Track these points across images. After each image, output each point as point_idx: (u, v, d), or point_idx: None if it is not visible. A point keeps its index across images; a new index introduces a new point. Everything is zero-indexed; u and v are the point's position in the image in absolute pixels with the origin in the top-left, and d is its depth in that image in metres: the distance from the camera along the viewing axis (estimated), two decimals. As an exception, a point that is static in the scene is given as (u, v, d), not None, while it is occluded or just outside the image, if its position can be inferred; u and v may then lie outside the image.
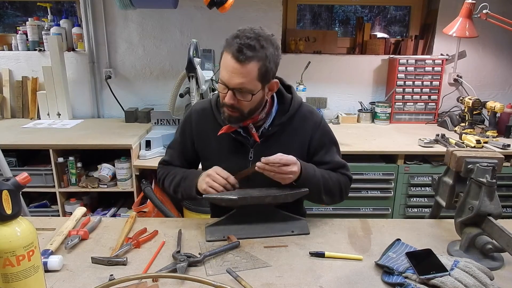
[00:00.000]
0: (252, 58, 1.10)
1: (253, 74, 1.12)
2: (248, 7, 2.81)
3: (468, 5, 2.16)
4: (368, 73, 2.98)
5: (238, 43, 1.09)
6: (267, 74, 1.15)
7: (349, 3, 3.26)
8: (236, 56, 1.09)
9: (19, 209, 0.81)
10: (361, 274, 1.02)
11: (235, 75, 1.11)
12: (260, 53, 1.11)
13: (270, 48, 1.13)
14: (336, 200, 1.32)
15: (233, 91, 1.15)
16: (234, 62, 1.10)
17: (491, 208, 1.06)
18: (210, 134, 1.32)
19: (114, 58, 2.91)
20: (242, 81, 1.12)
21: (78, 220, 1.30)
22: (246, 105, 1.18)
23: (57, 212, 2.39)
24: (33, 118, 2.84)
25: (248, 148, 1.29)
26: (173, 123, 2.47)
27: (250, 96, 1.15)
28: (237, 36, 1.12)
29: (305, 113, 1.32)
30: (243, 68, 1.10)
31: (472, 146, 2.24)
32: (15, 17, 3.31)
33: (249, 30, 1.12)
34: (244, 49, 1.09)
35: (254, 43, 1.10)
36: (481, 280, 0.90)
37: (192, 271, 1.01)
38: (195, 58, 2.15)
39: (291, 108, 1.29)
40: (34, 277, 0.83)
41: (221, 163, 1.26)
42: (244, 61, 1.09)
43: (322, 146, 1.32)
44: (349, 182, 1.34)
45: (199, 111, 1.36)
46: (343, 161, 1.35)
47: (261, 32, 1.13)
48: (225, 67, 1.13)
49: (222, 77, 1.15)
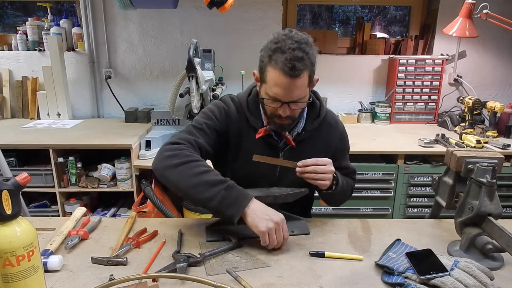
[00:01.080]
0: (303, 70, 1.10)
1: (306, 83, 1.14)
2: (248, 7, 2.81)
3: (468, 5, 2.17)
4: (368, 73, 2.98)
5: (287, 59, 1.08)
6: (313, 75, 1.17)
7: (349, 3, 3.26)
8: (290, 73, 1.09)
9: (19, 209, 0.81)
10: (361, 274, 1.02)
11: (291, 91, 1.12)
12: (307, 62, 1.11)
13: (311, 51, 1.13)
14: (344, 200, 1.41)
15: (288, 103, 1.15)
16: (287, 78, 1.10)
17: (491, 208, 1.06)
18: (243, 134, 1.28)
19: (114, 58, 2.91)
20: (298, 94, 1.14)
21: (78, 220, 1.29)
22: (298, 112, 1.22)
23: (57, 212, 2.39)
24: (33, 118, 2.84)
25: (279, 152, 1.28)
26: (173, 123, 2.47)
27: (304, 104, 1.20)
28: (280, 50, 1.09)
29: (331, 121, 1.36)
30: (297, 82, 1.11)
31: (472, 146, 2.24)
32: (15, 17, 3.31)
33: (289, 40, 1.10)
34: (296, 64, 1.08)
35: (301, 55, 1.09)
36: (481, 280, 0.90)
37: (192, 271, 1.01)
38: (195, 58, 2.15)
39: (321, 113, 1.32)
40: (34, 277, 0.82)
41: (248, 165, 1.23)
42: (298, 76, 1.10)
43: (342, 153, 1.39)
44: (354, 185, 1.44)
45: (233, 109, 1.29)
46: (354, 166, 1.44)
47: (299, 37, 1.11)
48: (276, 84, 1.12)
49: (274, 94, 1.14)
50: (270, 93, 1.15)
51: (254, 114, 1.28)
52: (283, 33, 1.13)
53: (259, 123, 1.27)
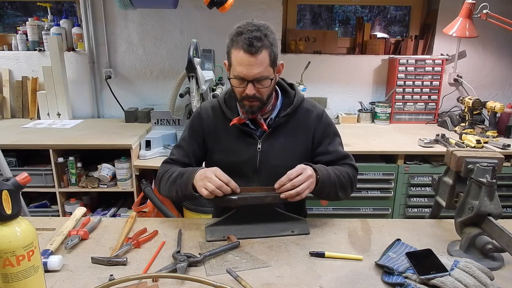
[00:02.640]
0: (262, 47, 1.18)
1: (266, 61, 1.21)
2: (248, 7, 2.81)
3: (468, 5, 2.17)
4: (368, 73, 2.98)
5: (245, 38, 1.17)
6: (275, 59, 1.24)
7: (349, 3, 3.26)
8: (249, 49, 1.17)
9: (19, 209, 0.81)
10: (361, 274, 1.02)
11: (252, 67, 1.20)
12: (266, 42, 1.19)
13: (271, 34, 1.22)
14: (349, 194, 1.35)
15: (252, 82, 1.22)
16: (248, 56, 1.18)
17: (491, 208, 1.06)
18: (220, 129, 1.39)
19: (114, 58, 2.91)
20: (259, 71, 1.20)
21: (78, 220, 1.30)
22: (265, 92, 1.26)
23: (57, 212, 2.39)
24: (33, 118, 2.84)
25: (257, 140, 1.35)
26: (173, 123, 2.47)
27: (269, 82, 1.24)
28: (240, 33, 1.19)
29: (308, 106, 1.39)
30: (257, 59, 1.19)
31: (472, 146, 2.23)
32: (15, 17, 3.31)
33: (248, 24, 1.21)
34: (254, 42, 1.17)
35: (259, 34, 1.18)
36: (481, 280, 0.90)
37: (192, 271, 1.01)
38: (195, 58, 2.15)
39: (295, 101, 1.36)
40: (34, 277, 0.82)
41: (230, 155, 1.35)
42: (256, 52, 1.18)
43: (325, 136, 1.38)
44: (356, 173, 1.37)
45: (208, 108, 1.42)
46: (346, 152, 1.40)
47: (258, 23, 1.22)
48: (239, 62, 1.20)
49: (238, 73, 1.22)
50: (235, 73, 1.23)
51: (229, 107, 1.39)
52: (245, 21, 1.24)
53: (235, 114, 1.36)
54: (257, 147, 1.35)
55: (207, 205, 2.33)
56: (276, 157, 1.33)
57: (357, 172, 1.38)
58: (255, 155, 1.34)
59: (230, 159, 1.35)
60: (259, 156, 1.34)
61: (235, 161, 1.34)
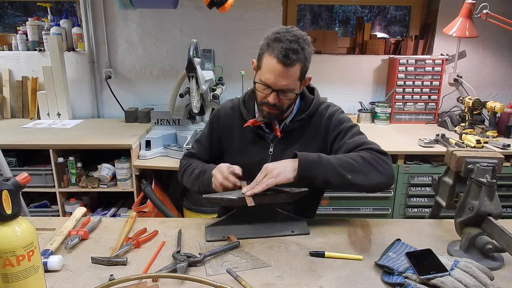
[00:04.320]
0: (296, 61, 1.17)
1: (297, 75, 1.20)
2: (248, 7, 2.81)
3: (468, 5, 2.17)
4: (368, 73, 2.98)
5: (282, 48, 1.15)
6: (306, 72, 1.24)
7: (349, 3, 3.26)
8: (283, 60, 1.15)
9: (19, 209, 0.81)
10: (361, 274, 1.02)
11: (281, 78, 1.18)
12: (302, 55, 1.18)
13: (308, 48, 1.20)
14: (376, 177, 1.17)
15: (277, 92, 1.21)
16: (280, 66, 1.16)
17: (491, 208, 1.06)
18: (235, 128, 1.40)
19: (114, 58, 2.91)
20: (287, 83, 1.19)
21: (78, 220, 1.30)
22: (286, 103, 1.26)
23: (57, 212, 2.39)
24: (33, 118, 2.84)
25: (269, 143, 1.35)
26: (173, 123, 2.47)
27: (293, 95, 1.24)
28: (278, 40, 1.16)
29: (323, 110, 1.35)
30: (288, 71, 1.17)
31: (472, 146, 2.23)
32: (15, 17, 3.31)
33: (288, 33, 1.17)
34: (290, 54, 1.15)
35: (296, 46, 1.16)
36: (481, 280, 0.90)
37: (192, 271, 1.01)
38: (195, 58, 2.15)
39: (312, 106, 1.34)
40: (34, 277, 0.82)
41: (242, 155, 1.36)
42: (290, 65, 1.16)
43: (338, 133, 1.31)
44: (379, 155, 1.20)
45: (227, 108, 1.44)
46: (361, 139, 1.26)
47: (298, 33, 1.19)
48: (269, 70, 1.18)
49: (266, 79, 1.20)
50: (263, 78, 1.21)
51: (248, 108, 1.39)
52: (285, 27, 1.21)
53: (251, 116, 1.36)
54: (269, 150, 1.34)
55: (207, 205, 2.33)
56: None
57: (382, 154, 1.21)
58: (267, 159, 1.33)
59: (242, 160, 1.33)
60: (270, 159, 1.33)
61: (247, 162, 1.32)
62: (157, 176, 2.44)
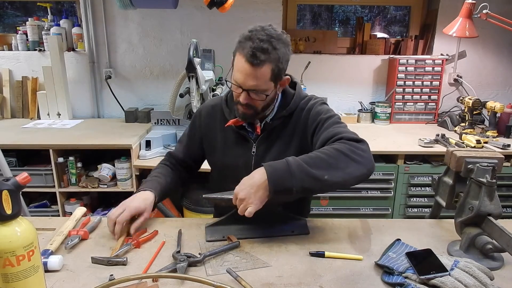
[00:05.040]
0: (265, 61, 1.12)
1: (267, 76, 1.15)
2: (248, 7, 2.81)
3: (468, 5, 2.17)
4: (368, 73, 2.98)
5: (251, 47, 1.11)
6: (280, 73, 1.18)
7: (349, 3, 3.26)
8: (250, 60, 1.12)
9: (19, 209, 0.81)
10: (361, 274, 1.02)
11: (249, 78, 1.14)
12: (273, 55, 1.13)
13: (282, 48, 1.15)
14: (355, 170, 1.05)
15: (247, 91, 1.18)
16: (248, 65, 1.13)
17: (491, 208, 1.06)
18: (217, 129, 1.36)
19: (114, 58, 2.91)
20: (256, 83, 1.15)
21: (78, 220, 1.29)
22: (260, 104, 1.22)
23: (57, 212, 2.39)
24: (33, 118, 2.84)
25: (252, 143, 1.32)
26: (173, 123, 2.47)
27: (264, 96, 1.19)
28: (249, 38, 1.13)
29: (303, 105, 1.29)
30: (257, 71, 1.13)
31: (472, 146, 2.24)
32: (15, 17, 3.31)
33: (261, 32, 1.13)
34: (257, 53, 1.11)
35: (266, 46, 1.11)
36: (481, 280, 0.90)
37: (192, 271, 1.01)
38: (195, 58, 2.15)
39: (292, 102, 1.29)
40: (34, 277, 0.82)
41: (225, 156, 1.32)
42: (258, 65, 1.12)
43: (316, 125, 1.23)
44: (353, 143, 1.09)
45: (209, 107, 1.41)
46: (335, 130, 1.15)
47: (273, 32, 1.14)
48: (239, 69, 1.16)
49: (236, 79, 1.18)
50: (234, 77, 1.19)
51: (230, 107, 1.34)
52: (261, 25, 1.16)
53: (232, 116, 1.31)
54: (252, 150, 1.31)
55: (207, 205, 2.33)
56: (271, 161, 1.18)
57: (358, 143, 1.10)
58: (250, 159, 1.30)
59: (226, 161, 1.33)
60: (254, 160, 1.30)
61: (231, 164, 1.32)
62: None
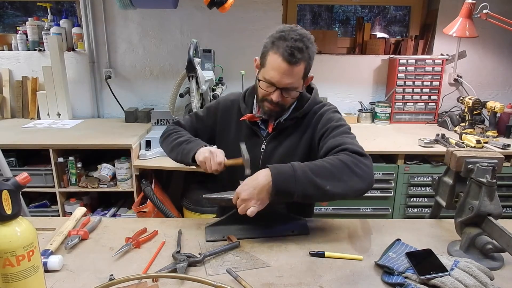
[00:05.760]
0: (301, 59, 1.18)
1: (301, 74, 1.21)
2: (248, 7, 2.81)
3: (468, 5, 2.17)
4: (368, 73, 2.98)
5: (288, 46, 1.15)
6: (309, 71, 1.26)
7: (349, 3, 3.26)
8: (288, 59, 1.16)
9: (19, 209, 0.81)
10: (361, 274, 1.02)
11: (286, 76, 1.19)
12: (306, 54, 1.19)
13: (312, 47, 1.21)
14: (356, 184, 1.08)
15: (281, 90, 1.22)
16: (285, 64, 1.17)
17: (491, 208, 1.06)
18: (231, 123, 1.41)
19: (114, 58, 2.91)
20: (291, 81, 1.20)
21: (78, 220, 1.30)
22: (289, 101, 1.28)
23: (57, 212, 2.39)
24: (33, 118, 2.84)
25: (262, 139, 1.35)
26: (173, 123, 2.46)
27: (296, 93, 1.25)
28: (283, 38, 1.17)
29: (316, 109, 1.34)
30: (293, 70, 1.18)
31: (472, 146, 2.23)
32: (15, 17, 3.31)
33: (293, 31, 1.18)
34: (295, 52, 1.16)
35: (301, 45, 1.16)
36: (481, 280, 0.90)
37: (192, 271, 1.01)
38: (195, 58, 2.15)
39: (307, 105, 1.33)
40: (34, 277, 0.82)
41: (234, 150, 1.32)
42: (295, 63, 1.17)
43: (325, 131, 1.27)
44: (357, 157, 1.12)
45: (228, 101, 1.45)
46: (342, 140, 1.19)
47: (303, 32, 1.20)
48: (274, 68, 1.19)
49: (270, 77, 1.21)
50: (267, 76, 1.21)
51: (247, 103, 1.40)
52: (289, 26, 1.22)
53: (248, 111, 1.37)
54: (261, 147, 1.34)
55: (207, 205, 2.33)
56: (277, 160, 1.30)
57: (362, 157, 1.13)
58: (258, 155, 1.34)
59: (235, 154, 1.32)
60: (262, 156, 1.34)
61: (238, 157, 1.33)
62: (157, 176, 2.44)
